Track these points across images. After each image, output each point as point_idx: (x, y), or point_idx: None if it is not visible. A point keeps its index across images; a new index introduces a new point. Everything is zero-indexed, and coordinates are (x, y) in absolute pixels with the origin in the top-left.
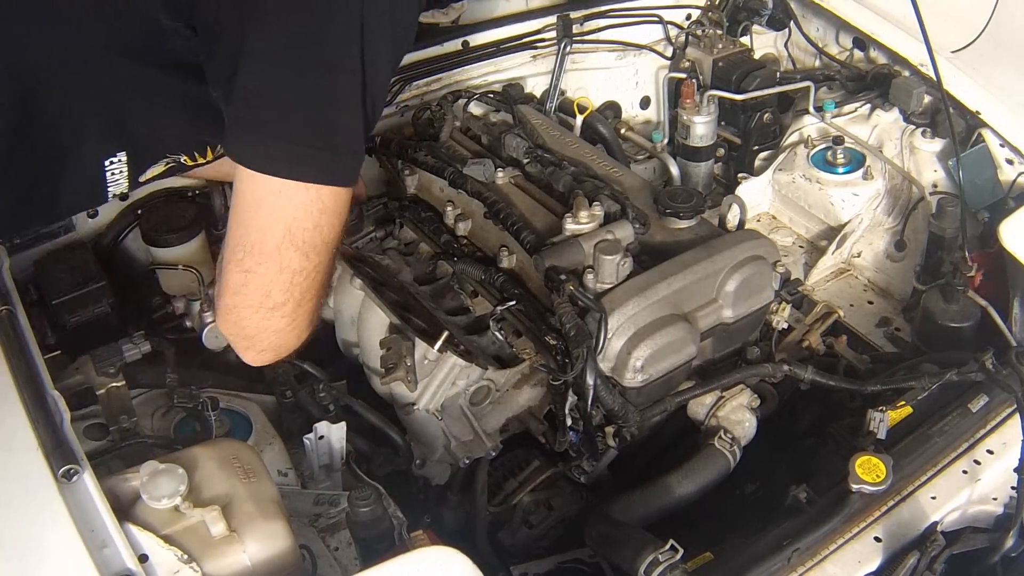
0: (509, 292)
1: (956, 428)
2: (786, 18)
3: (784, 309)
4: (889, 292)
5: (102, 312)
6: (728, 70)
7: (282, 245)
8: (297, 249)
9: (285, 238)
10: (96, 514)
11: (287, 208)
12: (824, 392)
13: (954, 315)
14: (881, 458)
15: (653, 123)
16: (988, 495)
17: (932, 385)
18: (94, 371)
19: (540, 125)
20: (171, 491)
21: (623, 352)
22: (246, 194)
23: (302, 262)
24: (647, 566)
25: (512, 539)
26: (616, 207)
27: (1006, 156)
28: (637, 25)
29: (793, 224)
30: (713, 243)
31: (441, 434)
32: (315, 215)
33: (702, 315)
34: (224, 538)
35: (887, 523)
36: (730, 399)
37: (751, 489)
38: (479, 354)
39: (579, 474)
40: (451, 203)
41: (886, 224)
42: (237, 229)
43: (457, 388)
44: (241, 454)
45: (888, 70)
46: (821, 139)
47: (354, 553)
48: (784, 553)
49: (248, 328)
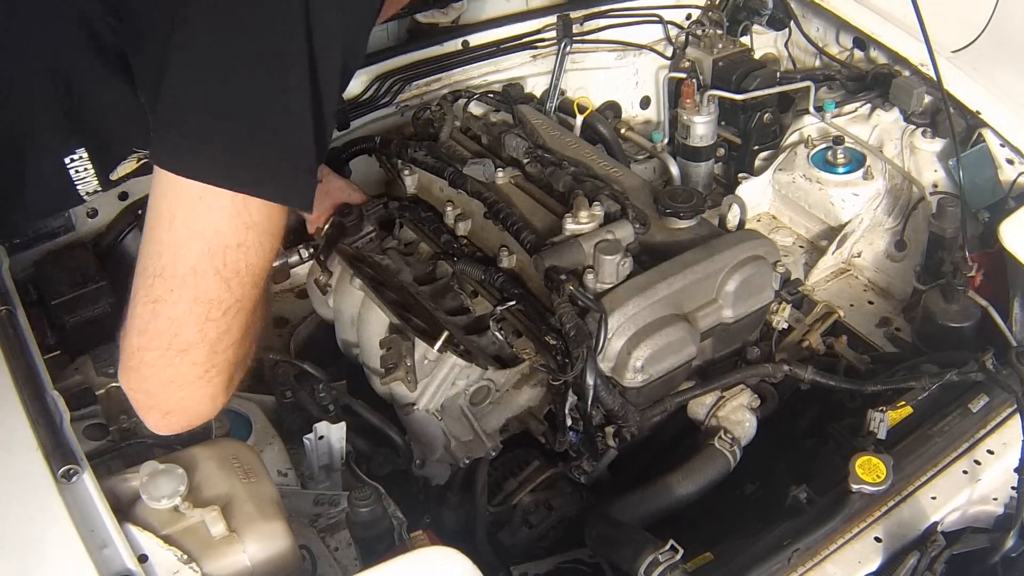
0: (509, 292)
1: (956, 428)
2: (786, 18)
3: (784, 309)
4: (889, 292)
5: (102, 312)
6: (728, 70)
7: (199, 265)
8: (216, 273)
9: (203, 257)
10: (96, 514)
11: (207, 217)
12: (824, 392)
13: (954, 315)
14: (881, 458)
15: (653, 123)
16: (988, 495)
17: (932, 385)
18: (94, 371)
19: (540, 125)
20: (171, 491)
21: (623, 352)
22: (162, 204)
23: (221, 291)
24: (647, 566)
25: (512, 539)
26: (616, 207)
27: (1006, 156)
28: (637, 25)
29: (793, 224)
30: (713, 243)
31: (441, 434)
32: (240, 230)
33: (702, 315)
34: (224, 538)
35: (887, 523)
36: (730, 399)
37: (751, 489)
38: (479, 354)
39: (579, 474)
40: (451, 203)
41: (886, 224)
42: (148, 248)
43: (457, 388)
44: (241, 454)
45: (888, 70)
46: (821, 139)
47: (354, 553)
48: (784, 553)
49: (151, 380)
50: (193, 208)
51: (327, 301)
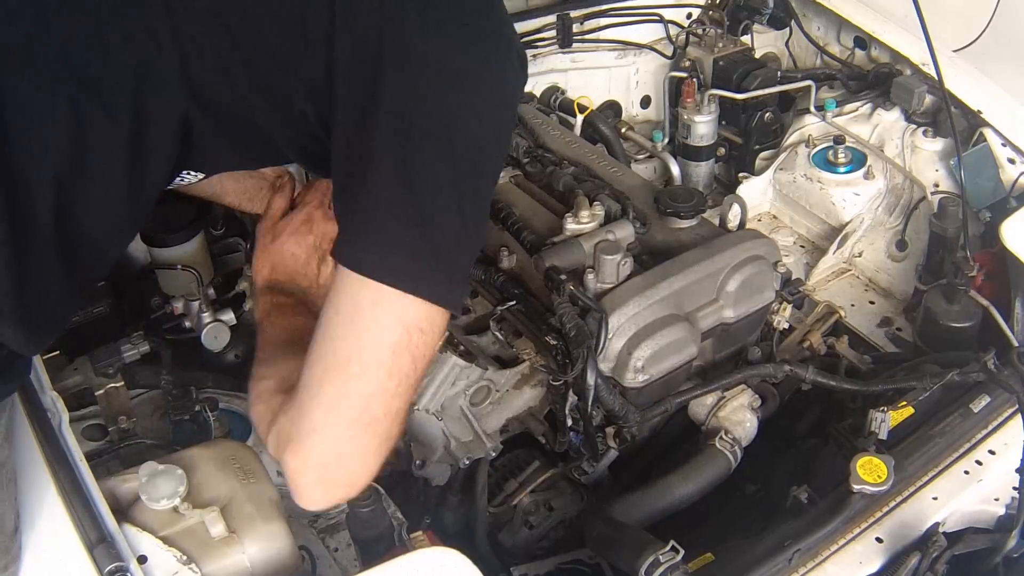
0: (509, 292)
1: (958, 428)
2: (787, 17)
3: (785, 309)
4: (890, 292)
5: (101, 312)
6: (729, 69)
7: (398, 346)
8: (410, 352)
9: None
10: (95, 515)
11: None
12: (825, 392)
13: (956, 315)
14: (882, 458)
15: (654, 122)
16: (990, 496)
17: (934, 385)
18: (93, 372)
19: (540, 125)
20: (170, 492)
21: (624, 352)
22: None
23: (409, 368)
24: (648, 567)
25: (512, 540)
26: (617, 207)
27: (1008, 155)
28: (637, 24)
29: (794, 224)
30: (714, 243)
31: (441, 435)
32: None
33: (703, 315)
34: (223, 539)
35: (888, 524)
36: (731, 399)
37: (752, 490)
38: (479, 354)
39: (579, 475)
40: None
41: (887, 224)
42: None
43: (457, 388)
44: (240, 455)
45: (889, 69)
46: (822, 138)
47: (354, 554)
48: (785, 554)
49: (329, 453)
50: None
51: None
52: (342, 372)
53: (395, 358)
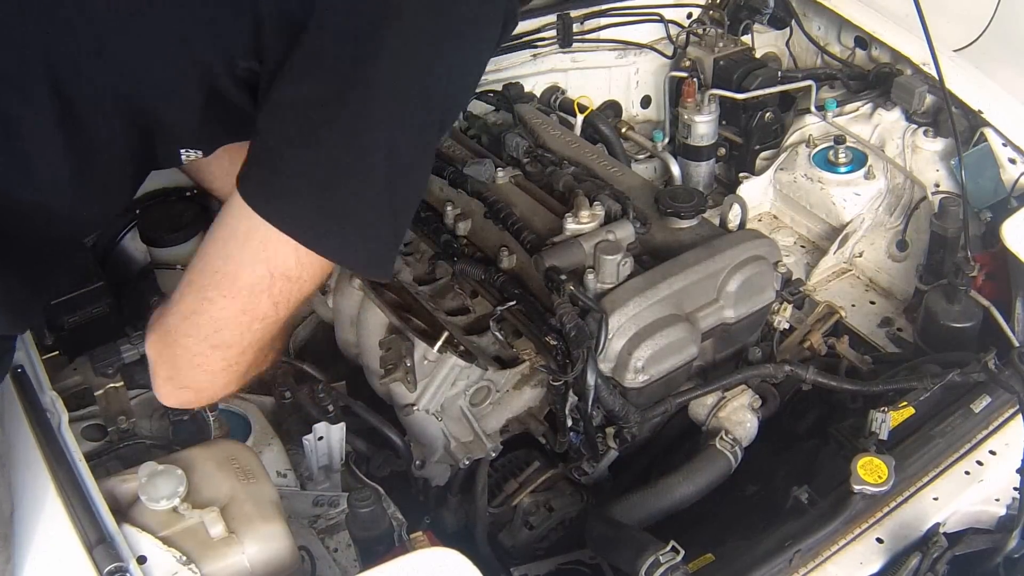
0: (509, 292)
1: (958, 429)
2: (787, 17)
3: (786, 309)
4: (891, 292)
5: (100, 312)
6: (729, 69)
7: (257, 286)
8: (270, 296)
9: (263, 280)
10: (95, 515)
11: (279, 252)
12: (826, 393)
13: (956, 315)
14: (883, 459)
15: (654, 122)
16: (991, 496)
17: (934, 386)
18: (92, 372)
19: (540, 125)
20: (170, 492)
21: (624, 353)
22: (240, 223)
23: (268, 310)
24: (648, 567)
25: (512, 540)
26: (617, 207)
27: (1009, 155)
28: (638, 24)
29: (794, 224)
30: (714, 243)
31: (441, 435)
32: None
33: (703, 315)
34: (223, 539)
35: (889, 524)
36: (731, 400)
37: (752, 490)
38: (479, 354)
39: (579, 475)
40: (451, 203)
41: (888, 224)
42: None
43: (457, 389)
44: (240, 455)
45: (890, 69)
46: (823, 138)
47: (353, 554)
48: (786, 554)
49: (181, 358)
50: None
51: (326, 301)
52: (201, 290)
53: (251, 297)
